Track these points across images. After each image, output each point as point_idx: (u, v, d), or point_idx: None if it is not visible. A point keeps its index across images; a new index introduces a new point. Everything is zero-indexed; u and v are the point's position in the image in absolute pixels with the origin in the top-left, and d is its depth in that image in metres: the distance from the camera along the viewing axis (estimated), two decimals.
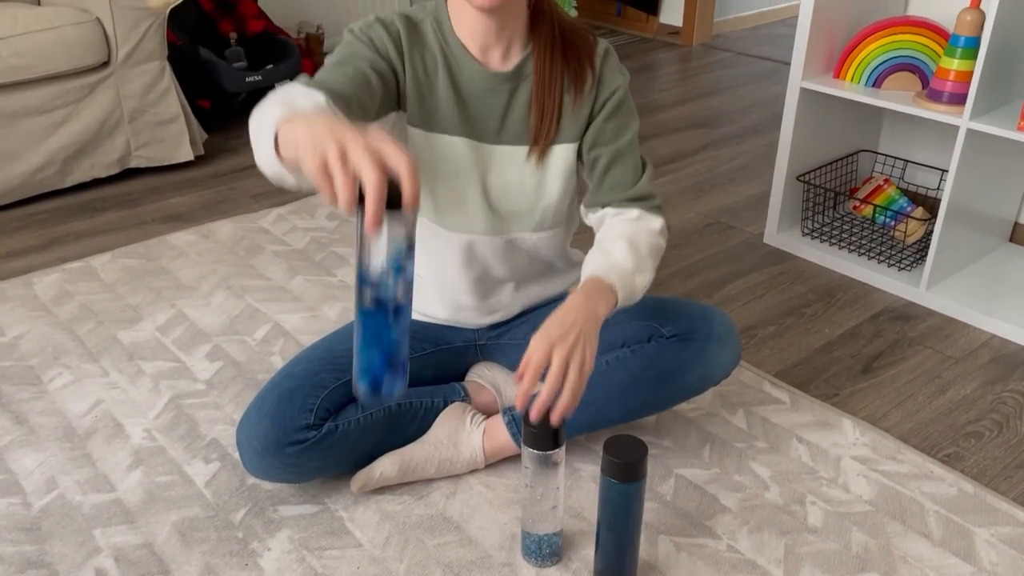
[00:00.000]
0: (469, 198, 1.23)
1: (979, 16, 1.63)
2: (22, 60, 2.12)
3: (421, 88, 1.18)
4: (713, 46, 3.87)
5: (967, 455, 1.40)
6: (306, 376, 1.23)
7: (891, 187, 2.06)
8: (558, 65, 1.18)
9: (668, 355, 1.23)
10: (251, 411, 1.20)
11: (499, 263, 1.31)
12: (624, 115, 1.22)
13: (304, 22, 3.25)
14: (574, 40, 1.19)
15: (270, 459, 1.18)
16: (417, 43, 1.17)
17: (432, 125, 1.19)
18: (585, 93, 1.19)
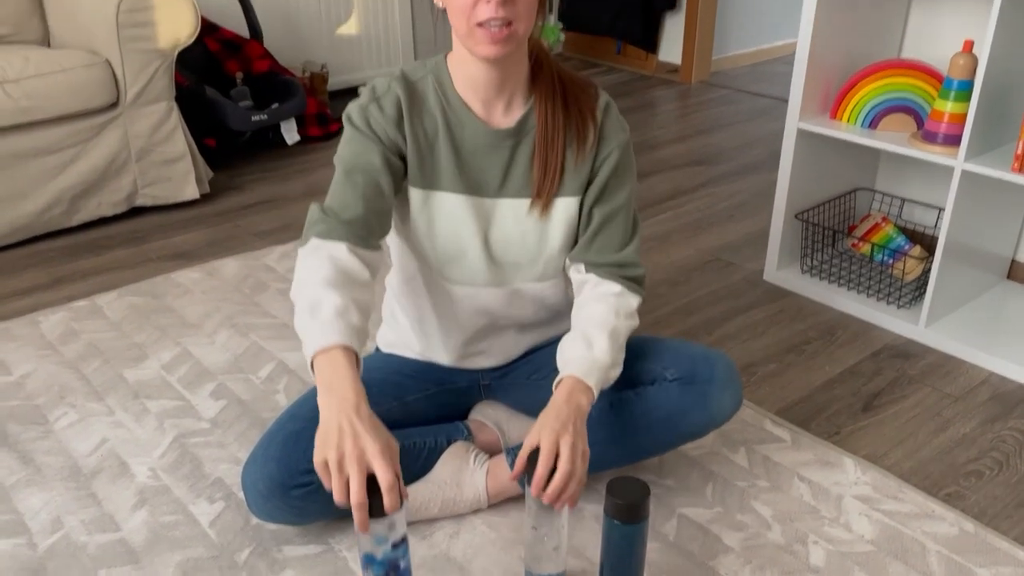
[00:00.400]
0: (470, 252, 1.24)
1: (971, 60, 1.66)
2: (33, 102, 2.16)
3: (422, 151, 1.19)
4: (712, 83, 3.92)
5: (968, 494, 1.41)
6: (311, 418, 1.22)
7: (889, 225, 2.08)
8: (560, 119, 1.19)
9: (671, 398, 1.24)
10: (257, 453, 1.21)
11: (504, 312, 1.32)
12: (622, 174, 1.24)
13: (309, 62, 3.31)
14: (576, 93, 1.21)
15: (275, 501, 1.19)
16: (417, 107, 1.19)
17: (432, 184, 1.21)
18: (588, 148, 1.21)
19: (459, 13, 1.07)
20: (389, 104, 1.17)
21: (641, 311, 1.94)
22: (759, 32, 4.26)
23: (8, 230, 2.22)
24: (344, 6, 3.51)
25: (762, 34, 4.29)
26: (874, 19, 1.94)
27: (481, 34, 1.07)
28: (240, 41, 2.97)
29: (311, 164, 2.90)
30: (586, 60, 4.35)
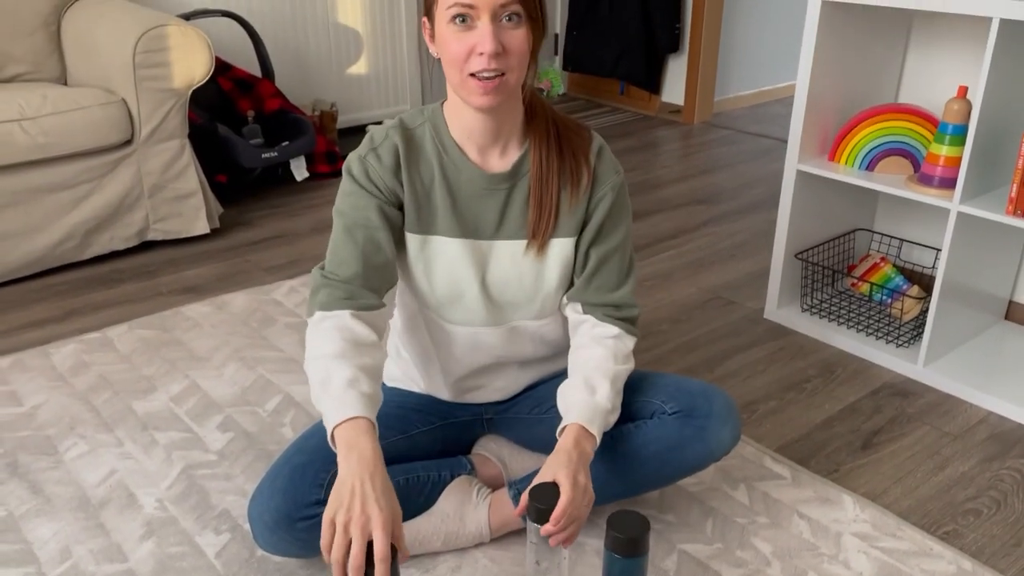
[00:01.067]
0: (468, 294, 1.27)
1: (966, 105, 1.71)
2: (49, 138, 2.21)
3: (419, 197, 1.23)
4: (713, 124, 3.99)
5: (966, 532, 1.42)
6: (317, 451, 1.25)
7: (887, 265, 2.11)
8: (554, 162, 1.23)
9: (670, 432, 1.27)
10: (263, 486, 1.23)
11: (503, 350, 1.35)
12: (616, 215, 1.27)
13: (318, 100, 3.38)
14: (570, 137, 1.25)
15: (281, 533, 1.20)
16: (414, 155, 1.22)
17: (429, 229, 1.25)
18: (581, 190, 1.24)
19: (452, 64, 1.11)
20: (387, 153, 1.21)
21: (643, 348, 1.97)
22: (760, 74, 4.34)
23: (22, 263, 2.26)
24: (353, 47, 3.59)
25: (763, 76, 4.36)
26: (871, 64, 1.99)
27: (474, 85, 1.11)
28: (252, 80, 3.03)
29: (320, 200, 2.95)
30: (590, 100, 4.42)
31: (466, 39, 1.09)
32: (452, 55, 1.10)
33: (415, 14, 3.70)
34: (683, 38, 3.94)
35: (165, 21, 2.32)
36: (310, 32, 3.44)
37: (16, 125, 2.16)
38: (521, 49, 1.11)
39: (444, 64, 1.13)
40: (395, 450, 1.34)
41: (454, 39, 1.09)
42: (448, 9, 1.08)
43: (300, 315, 2.12)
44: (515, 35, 1.10)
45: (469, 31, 1.09)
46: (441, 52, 1.13)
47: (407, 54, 3.75)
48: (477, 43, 1.08)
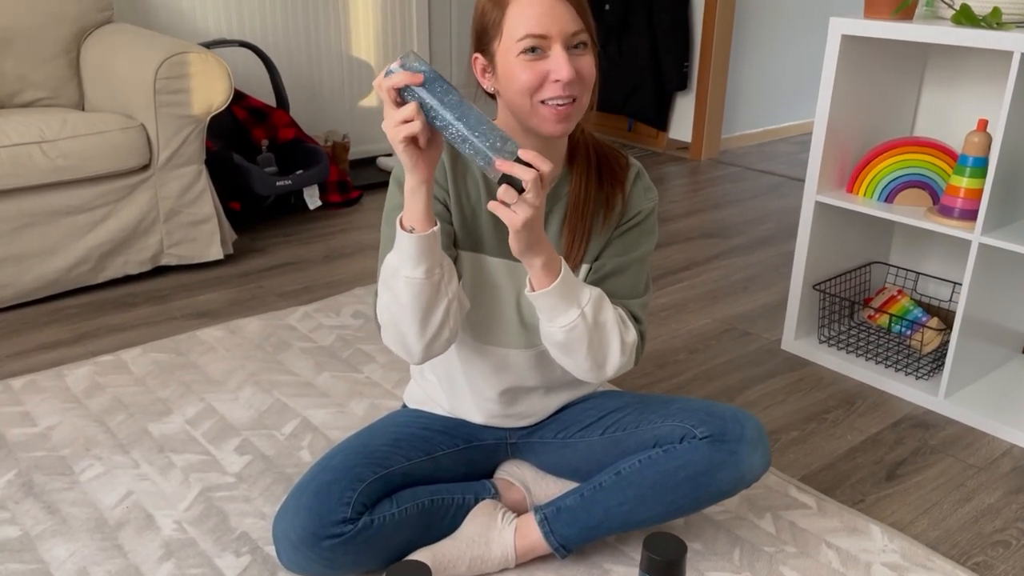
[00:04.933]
0: (505, 315, 1.28)
1: (986, 138, 1.72)
2: (68, 161, 2.22)
3: (465, 214, 1.24)
4: (720, 161, 4.02)
5: (996, 564, 1.40)
6: (343, 469, 1.25)
7: (905, 298, 2.11)
8: (592, 191, 1.24)
9: (700, 456, 1.25)
10: (288, 504, 1.21)
11: (531, 374, 1.34)
12: (640, 233, 1.28)
13: (331, 131, 3.40)
14: (610, 165, 1.26)
15: (306, 551, 1.19)
16: (460, 172, 1.23)
17: (478, 247, 1.25)
18: (614, 218, 1.26)
19: (522, 94, 1.11)
20: (437, 170, 1.21)
21: (662, 376, 1.96)
22: (766, 113, 4.39)
23: (36, 285, 2.25)
24: (366, 80, 3.62)
25: (769, 115, 4.41)
26: (888, 97, 2.01)
27: (546, 112, 1.12)
28: (267, 110, 3.06)
29: (332, 229, 2.95)
30: None
31: (538, 67, 1.10)
32: (523, 84, 1.11)
33: (427, 48, 3.74)
34: (691, 76, 3.99)
35: (187, 48, 2.34)
36: (324, 64, 3.48)
37: (36, 147, 2.17)
38: (591, 74, 1.13)
39: (509, 95, 1.14)
40: (420, 472, 1.32)
41: (526, 69, 1.10)
42: (519, 42, 1.10)
43: (315, 340, 2.11)
44: (584, 62, 1.12)
45: (540, 60, 1.10)
46: (508, 83, 1.13)
47: None
48: (551, 71, 1.09)
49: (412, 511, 1.27)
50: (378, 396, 1.85)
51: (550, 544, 1.30)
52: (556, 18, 1.09)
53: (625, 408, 1.37)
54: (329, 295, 2.39)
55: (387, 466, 1.28)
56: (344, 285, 2.46)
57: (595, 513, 1.29)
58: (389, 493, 1.27)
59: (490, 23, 1.13)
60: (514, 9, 1.10)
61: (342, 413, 1.78)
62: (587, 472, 1.37)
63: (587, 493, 1.30)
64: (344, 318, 2.24)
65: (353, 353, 2.05)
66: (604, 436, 1.36)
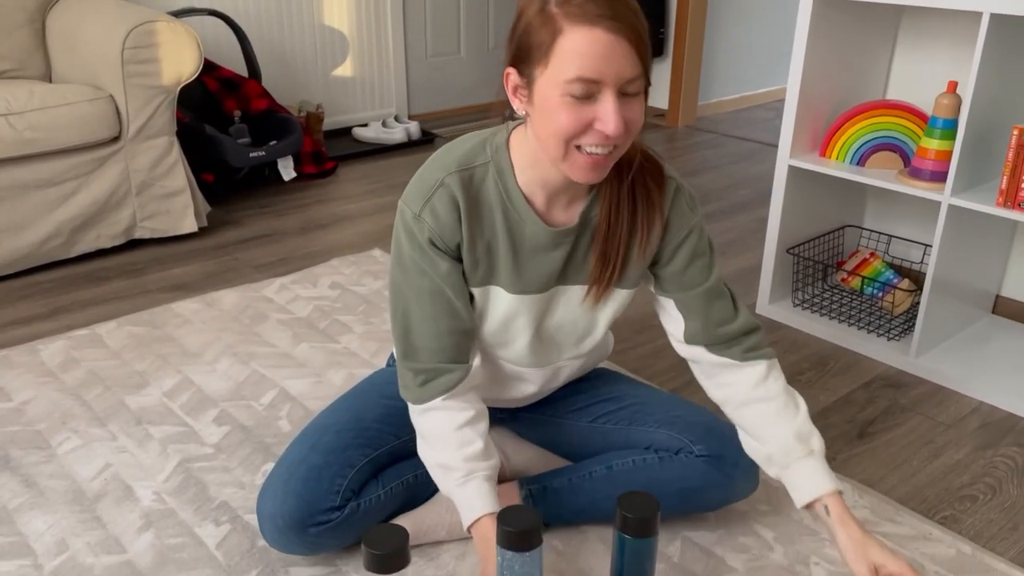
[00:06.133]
0: (519, 341, 1.21)
1: (956, 100, 1.74)
2: (36, 134, 2.18)
3: (479, 254, 1.13)
4: (697, 127, 4.02)
5: (963, 517, 1.43)
6: (334, 451, 1.23)
7: (877, 260, 2.14)
8: (625, 215, 1.12)
9: (695, 474, 1.25)
10: (276, 485, 1.20)
11: (545, 382, 1.31)
12: (703, 253, 1.19)
13: (305, 101, 3.36)
14: (644, 183, 1.12)
15: (292, 536, 1.19)
16: (475, 207, 1.10)
17: (489, 281, 1.16)
18: (652, 242, 1.15)
19: (558, 135, 0.98)
20: (444, 206, 1.08)
21: (639, 342, 1.98)
22: (743, 79, 4.39)
23: (7, 260, 2.23)
24: (339, 49, 3.58)
25: (745, 81, 4.41)
26: (861, 60, 2.02)
27: (581, 160, 1.00)
28: (239, 80, 3.02)
29: (307, 200, 2.93)
30: None
31: (583, 113, 0.96)
32: (562, 128, 0.97)
33: (401, 17, 3.70)
34: (667, 43, 3.98)
35: (154, 17, 2.30)
36: (296, 33, 3.43)
37: (3, 120, 2.13)
38: (640, 123, 1.00)
39: (543, 132, 1.00)
40: (407, 448, 1.29)
41: (569, 111, 0.96)
42: (569, 83, 0.94)
43: (292, 311, 2.10)
44: (635, 109, 0.98)
45: (587, 104, 0.96)
46: (544, 119, 0.99)
47: (392, 58, 3.75)
48: (598, 119, 0.96)
49: (397, 489, 1.28)
50: (356, 366, 1.85)
51: None
52: (615, 61, 0.93)
53: (621, 400, 1.35)
54: (305, 267, 2.38)
55: (377, 447, 1.27)
56: (321, 256, 2.45)
57: (580, 501, 1.31)
58: (376, 473, 1.27)
59: (536, 44, 0.97)
60: (569, 40, 0.94)
61: (320, 383, 1.78)
62: (567, 451, 1.38)
63: (575, 480, 1.31)
64: (321, 289, 2.23)
65: (330, 324, 2.04)
66: (593, 424, 1.36)
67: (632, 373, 1.83)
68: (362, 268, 2.35)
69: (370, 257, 2.43)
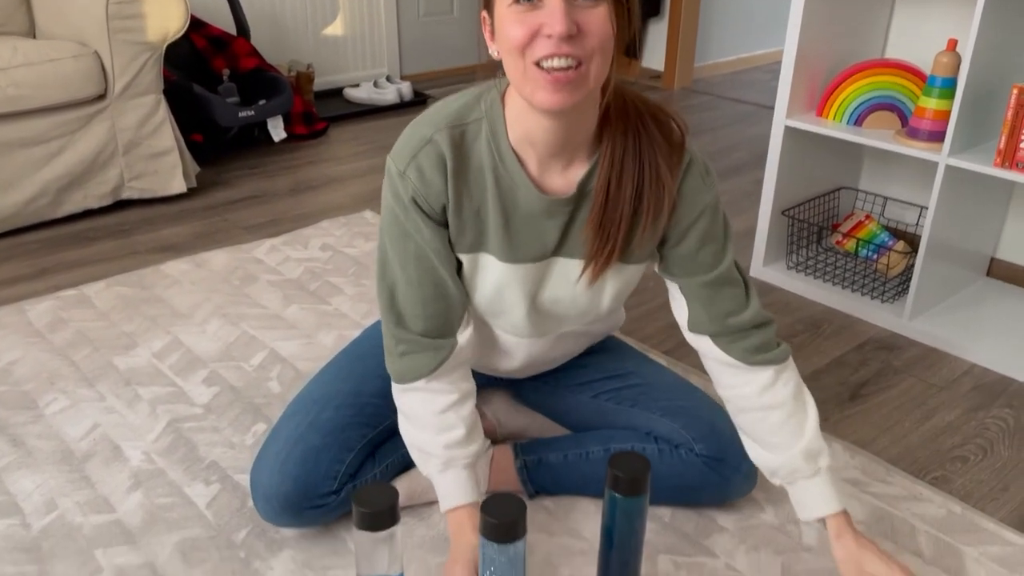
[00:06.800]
0: (515, 311, 1.14)
1: (955, 58, 1.71)
2: (20, 91, 2.14)
3: (466, 217, 1.06)
4: (694, 89, 3.98)
5: (954, 478, 1.44)
6: (333, 431, 1.20)
7: (872, 222, 2.12)
8: (628, 185, 1.01)
9: (693, 472, 1.23)
10: (272, 463, 1.17)
11: (549, 352, 1.25)
12: (718, 235, 1.09)
13: (295, 60, 3.31)
14: (653, 150, 1.01)
15: (287, 517, 1.19)
16: (463, 166, 1.03)
17: (478, 247, 1.08)
18: (662, 216, 1.04)
19: (513, 52, 0.90)
20: (430, 164, 1.02)
21: (631, 304, 1.97)
22: (740, 41, 4.33)
23: None
24: (330, 7, 3.52)
25: (743, 43, 4.36)
26: (859, 19, 1.98)
27: (539, 77, 0.90)
28: (227, 38, 2.96)
29: (298, 161, 2.90)
30: None
31: (529, 19, 0.88)
32: (512, 40, 0.89)
33: None
34: (663, 4, 3.92)
35: None
36: None
37: None
38: (601, 31, 0.88)
39: (504, 59, 0.93)
40: None
41: (515, 20, 0.89)
42: None
43: (283, 273, 2.08)
44: (593, 15, 0.88)
45: (533, 11, 0.88)
46: (501, 45, 0.92)
47: (384, 17, 3.68)
48: (544, 23, 0.87)
49: (393, 466, 1.27)
50: (347, 328, 1.84)
51: (525, 490, 1.32)
52: None
53: (627, 378, 1.31)
54: (296, 228, 2.35)
55: (376, 425, 1.24)
56: (311, 218, 2.43)
57: (574, 478, 1.30)
58: (373, 451, 1.26)
59: None
60: None
61: (311, 345, 1.77)
62: (566, 421, 1.37)
63: (571, 457, 1.29)
64: (312, 251, 2.21)
65: (321, 285, 2.03)
66: (595, 400, 1.32)
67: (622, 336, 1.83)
68: (353, 230, 2.33)
69: (361, 219, 2.41)
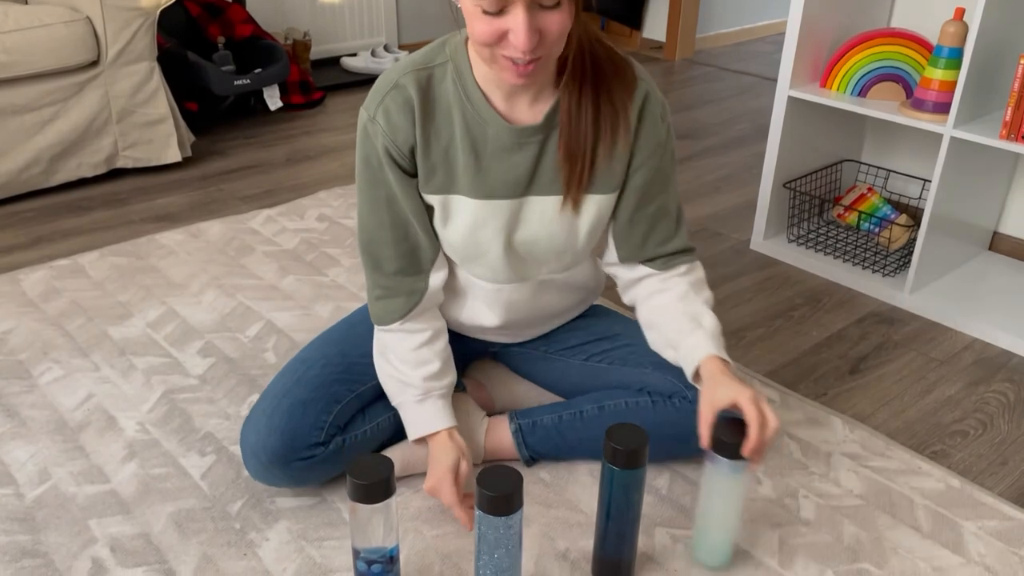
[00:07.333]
0: (490, 253, 1.16)
1: (962, 28, 1.68)
2: (11, 57, 2.10)
3: (435, 158, 1.10)
4: (695, 61, 3.93)
5: (953, 452, 1.43)
6: (320, 386, 1.20)
7: (875, 195, 2.10)
8: (589, 115, 1.08)
9: (687, 420, 1.20)
10: (259, 419, 1.18)
11: (531, 302, 1.27)
12: (665, 171, 1.17)
13: (291, 28, 3.26)
14: (609, 84, 1.09)
15: (276, 471, 1.18)
16: (431, 108, 1.08)
17: (449, 189, 1.12)
18: (619, 145, 1.11)
19: (481, 39, 0.96)
20: (397, 107, 1.07)
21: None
22: (742, 12, 4.28)
23: None
24: None
25: (745, 14, 4.30)
26: None
27: (506, 65, 0.98)
28: (222, 5, 2.91)
29: (294, 131, 2.87)
30: None
31: (496, 25, 0.94)
32: (479, 36, 0.95)
33: None
34: None
35: None
36: None
37: None
38: (562, 28, 0.96)
39: (469, 28, 0.97)
40: None
41: (482, 22, 0.94)
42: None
43: (279, 244, 2.06)
44: (552, 19, 0.94)
45: (499, 16, 0.94)
46: (468, 24, 0.97)
47: None
48: (510, 29, 0.93)
49: (384, 424, 1.26)
50: (343, 299, 1.82)
51: (520, 455, 1.31)
52: None
53: (616, 339, 1.32)
54: (292, 198, 2.33)
55: (364, 382, 1.24)
56: (308, 188, 2.40)
57: (569, 439, 1.29)
58: (363, 408, 1.25)
59: None
60: None
61: (307, 316, 1.75)
62: (559, 388, 1.36)
63: (565, 417, 1.28)
64: (308, 221, 2.19)
65: (318, 256, 2.01)
66: (587, 362, 1.33)
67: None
68: (349, 200, 2.31)
69: None
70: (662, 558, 1.18)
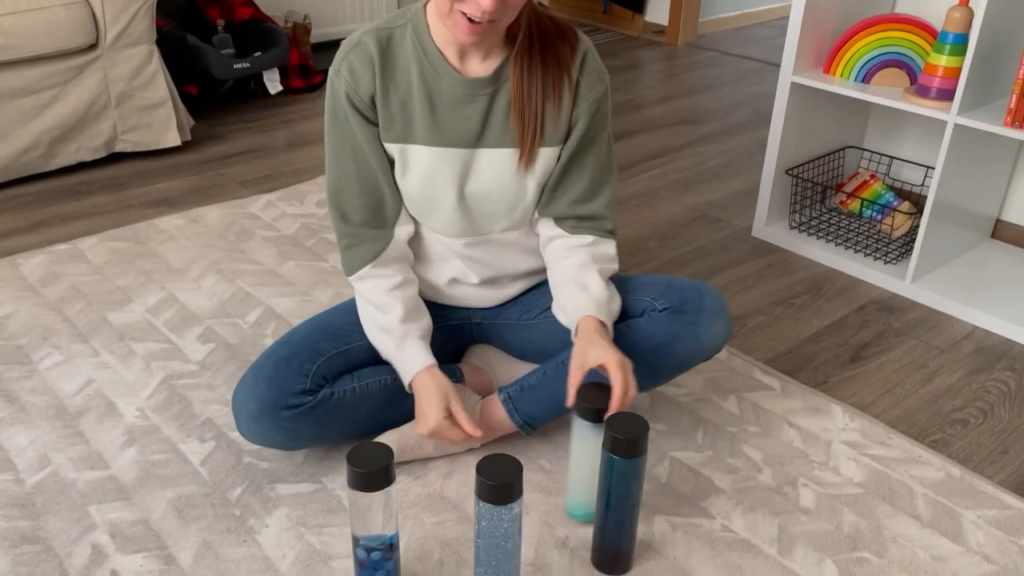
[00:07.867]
0: (444, 203, 1.23)
1: (968, 13, 1.66)
2: (8, 40, 2.09)
3: (394, 109, 1.19)
4: (698, 45, 3.90)
5: (953, 441, 1.43)
6: (303, 344, 1.24)
7: (877, 182, 2.09)
8: (536, 72, 1.18)
9: (660, 328, 1.24)
10: (247, 376, 1.21)
11: (490, 261, 1.31)
12: (593, 129, 1.23)
13: (291, 11, 3.24)
14: (553, 44, 1.19)
15: (266, 422, 1.18)
16: (390, 63, 1.18)
17: (407, 138, 1.20)
18: (563, 101, 1.20)
19: None
20: (360, 63, 1.17)
21: (631, 264, 1.95)
22: None
23: None
24: None
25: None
26: None
27: (462, 23, 1.07)
28: None
29: (294, 115, 2.85)
30: (572, 19, 4.30)
31: None
32: None
33: None
34: None
35: None
36: None
37: None
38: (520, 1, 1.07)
39: None
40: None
41: None
42: None
43: (279, 229, 2.06)
44: None
45: None
46: None
47: None
48: None
49: (374, 387, 1.27)
50: (343, 285, 1.82)
51: (514, 422, 1.31)
52: None
53: None
54: (292, 183, 2.32)
55: (348, 342, 1.27)
56: (308, 173, 2.39)
57: (557, 390, 1.28)
58: (351, 370, 1.27)
59: None
60: None
61: (307, 301, 1.75)
62: (553, 353, 1.36)
63: (549, 371, 1.29)
64: (308, 207, 2.18)
65: (318, 242, 2.00)
66: None
67: None
68: None
69: None
70: (661, 546, 1.18)
